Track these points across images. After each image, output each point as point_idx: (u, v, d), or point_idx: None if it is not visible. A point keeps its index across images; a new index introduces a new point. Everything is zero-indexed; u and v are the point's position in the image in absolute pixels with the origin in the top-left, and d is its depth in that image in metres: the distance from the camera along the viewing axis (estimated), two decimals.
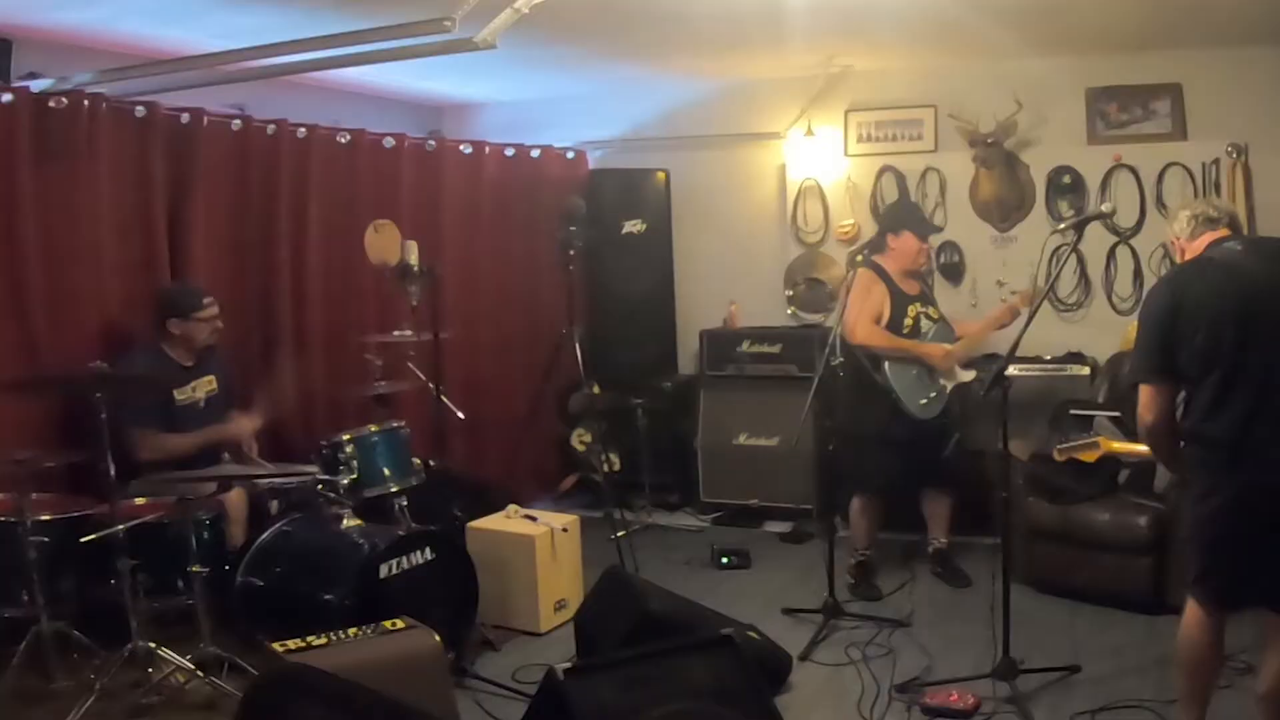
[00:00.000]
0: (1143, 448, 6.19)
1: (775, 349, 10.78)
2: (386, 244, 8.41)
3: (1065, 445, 6.94)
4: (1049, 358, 9.84)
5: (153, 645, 6.29)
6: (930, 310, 8.56)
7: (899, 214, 9.08)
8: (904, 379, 8.33)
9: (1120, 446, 7.11)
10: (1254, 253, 5.09)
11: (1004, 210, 10.51)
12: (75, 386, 6.73)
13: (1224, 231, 5.27)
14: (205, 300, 7.80)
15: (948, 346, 8.42)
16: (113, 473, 6.25)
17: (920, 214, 8.88)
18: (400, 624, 5.83)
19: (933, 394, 8.38)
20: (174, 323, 7.66)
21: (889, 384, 8.20)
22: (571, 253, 9.71)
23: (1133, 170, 10.09)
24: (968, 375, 8.38)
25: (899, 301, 8.38)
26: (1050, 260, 8.95)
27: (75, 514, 6.54)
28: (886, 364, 8.24)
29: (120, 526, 6.21)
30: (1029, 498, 8.25)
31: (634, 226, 11.40)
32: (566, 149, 11.89)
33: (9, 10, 7.62)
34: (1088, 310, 10.23)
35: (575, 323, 9.81)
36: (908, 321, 8.38)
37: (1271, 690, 5.38)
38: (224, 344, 8.14)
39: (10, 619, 6.35)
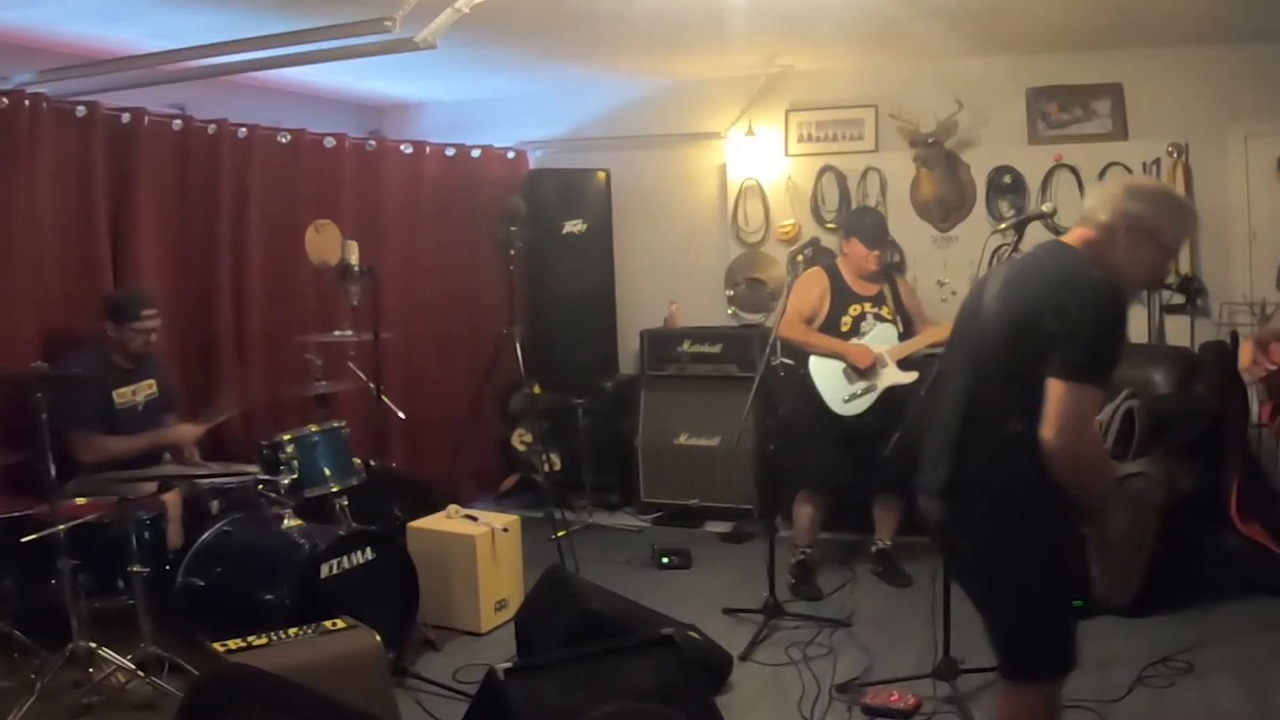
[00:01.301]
0: None
1: (716, 349, 10.81)
2: (327, 244, 8.41)
3: None
4: None
5: (93, 645, 6.26)
6: (883, 310, 8.57)
7: (851, 221, 9.09)
8: (826, 376, 8.42)
9: None
10: (1018, 266, 4.83)
11: (944, 210, 10.55)
12: (15, 386, 6.71)
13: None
14: (145, 311, 7.76)
15: (873, 346, 8.43)
16: (53, 473, 6.24)
17: (869, 221, 8.85)
18: (341, 624, 5.82)
19: (857, 392, 8.40)
20: (110, 326, 7.66)
21: (810, 380, 8.27)
22: (512, 252, 9.78)
23: (1073, 170, 10.14)
24: (908, 377, 8.39)
25: (841, 301, 8.43)
26: (991, 260, 8.97)
27: (15, 514, 6.51)
28: (811, 360, 8.29)
29: (61, 527, 6.18)
30: None
31: (575, 226, 11.39)
32: (507, 149, 11.89)
33: None
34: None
35: (516, 322, 9.82)
36: (846, 320, 8.42)
37: None
38: (164, 346, 8.11)
39: None
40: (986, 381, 4.40)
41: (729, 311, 11.39)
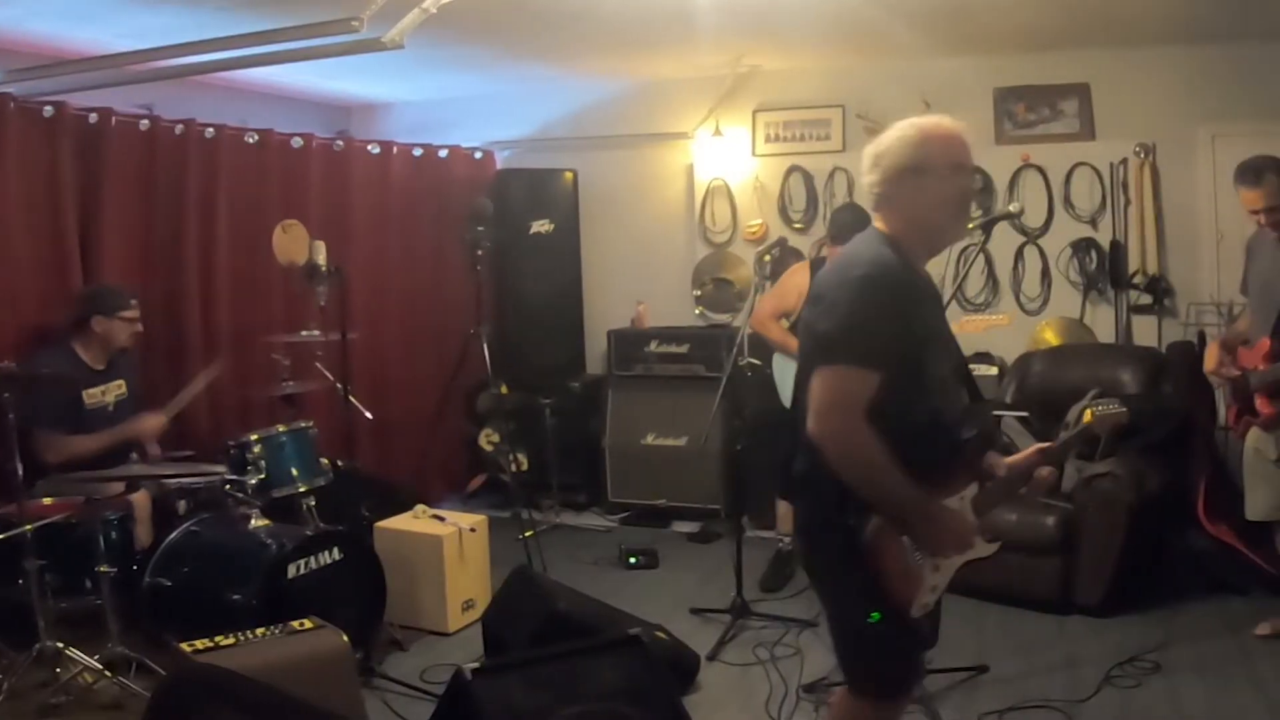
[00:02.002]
0: None
1: (683, 349, 10.82)
2: (294, 244, 8.40)
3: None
4: None
5: (60, 645, 6.25)
6: None
7: (832, 226, 9.09)
8: (784, 372, 8.47)
9: None
10: None
11: None
12: None
13: None
14: (132, 301, 7.79)
15: None
16: (20, 473, 6.22)
17: (851, 218, 8.90)
18: (308, 624, 5.80)
19: None
20: (98, 320, 7.63)
21: (772, 375, 8.28)
22: (479, 253, 9.74)
23: (1041, 170, 10.20)
24: None
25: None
26: (958, 260, 9.00)
27: None
28: (774, 357, 8.29)
29: (27, 527, 6.16)
30: None
31: (542, 226, 11.39)
32: (474, 149, 11.90)
33: None
34: (996, 310, 10.27)
35: (483, 323, 9.79)
36: None
37: None
38: (135, 346, 8.09)
39: None
40: (801, 378, 4.23)
41: (696, 311, 11.40)
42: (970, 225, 5.73)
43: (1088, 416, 4.63)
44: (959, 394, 4.50)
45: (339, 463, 8.25)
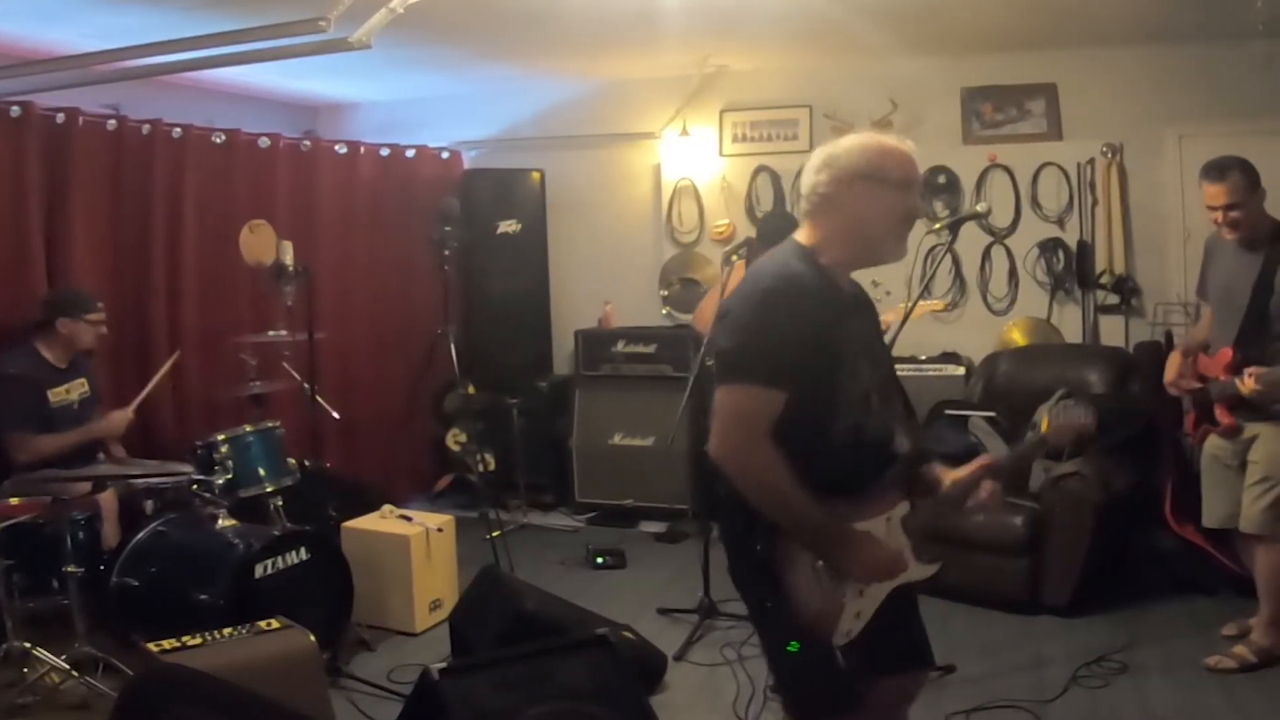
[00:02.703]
0: None
1: (650, 349, 10.82)
2: (262, 244, 8.40)
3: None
4: (924, 358, 9.94)
5: (27, 645, 6.27)
6: None
7: (763, 225, 9.08)
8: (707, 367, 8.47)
9: None
10: None
11: None
12: None
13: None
14: (98, 305, 7.80)
15: None
16: None
17: (778, 226, 8.90)
18: (275, 624, 5.78)
19: None
20: (64, 322, 7.63)
21: (699, 371, 8.31)
22: (446, 253, 9.80)
23: (1008, 170, 10.22)
24: None
25: None
26: (925, 260, 9.00)
27: None
28: (703, 354, 8.32)
29: None
30: None
31: (509, 226, 11.40)
32: (441, 149, 11.89)
33: None
34: (963, 310, 10.31)
35: (450, 323, 9.85)
36: None
37: None
38: (98, 346, 8.07)
39: None
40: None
41: (663, 312, 11.42)
42: (937, 225, 5.70)
43: (1044, 426, 4.43)
44: (888, 408, 4.26)
45: (306, 463, 8.26)
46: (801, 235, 4.16)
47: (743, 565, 4.16)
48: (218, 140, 9.45)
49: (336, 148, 10.82)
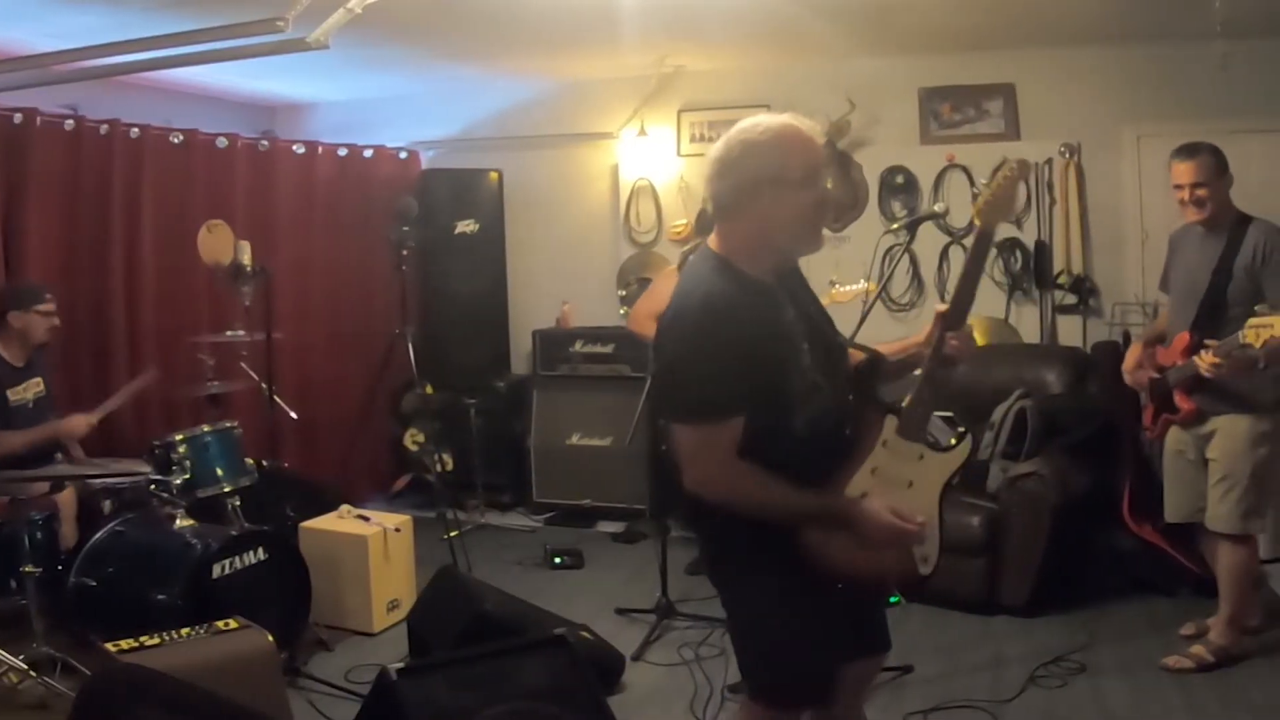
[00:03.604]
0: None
1: (608, 349, 10.85)
2: (219, 244, 8.39)
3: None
4: None
5: None
6: None
7: (700, 221, 9.10)
8: None
9: None
10: None
11: (837, 210, 10.52)
12: None
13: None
14: (46, 295, 7.77)
15: None
16: None
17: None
18: (233, 624, 5.78)
19: None
20: (15, 315, 7.62)
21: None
22: (404, 253, 9.79)
23: (966, 170, 10.20)
24: None
25: None
26: (883, 260, 9.02)
27: None
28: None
29: None
30: None
31: (467, 226, 11.40)
32: (399, 149, 11.90)
33: None
34: (921, 310, 10.29)
35: (408, 323, 9.88)
36: None
37: None
38: (55, 345, 8.05)
39: None
40: (657, 406, 4.03)
41: (621, 312, 11.30)
42: (895, 226, 5.70)
43: (975, 210, 4.24)
44: (834, 379, 4.15)
45: (264, 463, 8.27)
46: (713, 242, 4.10)
47: (727, 555, 4.15)
48: (175, 140, 9.44)
49: (294, 148, 10.81)
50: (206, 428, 7.75)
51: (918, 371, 4.33)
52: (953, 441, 4.27)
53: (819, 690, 4.13)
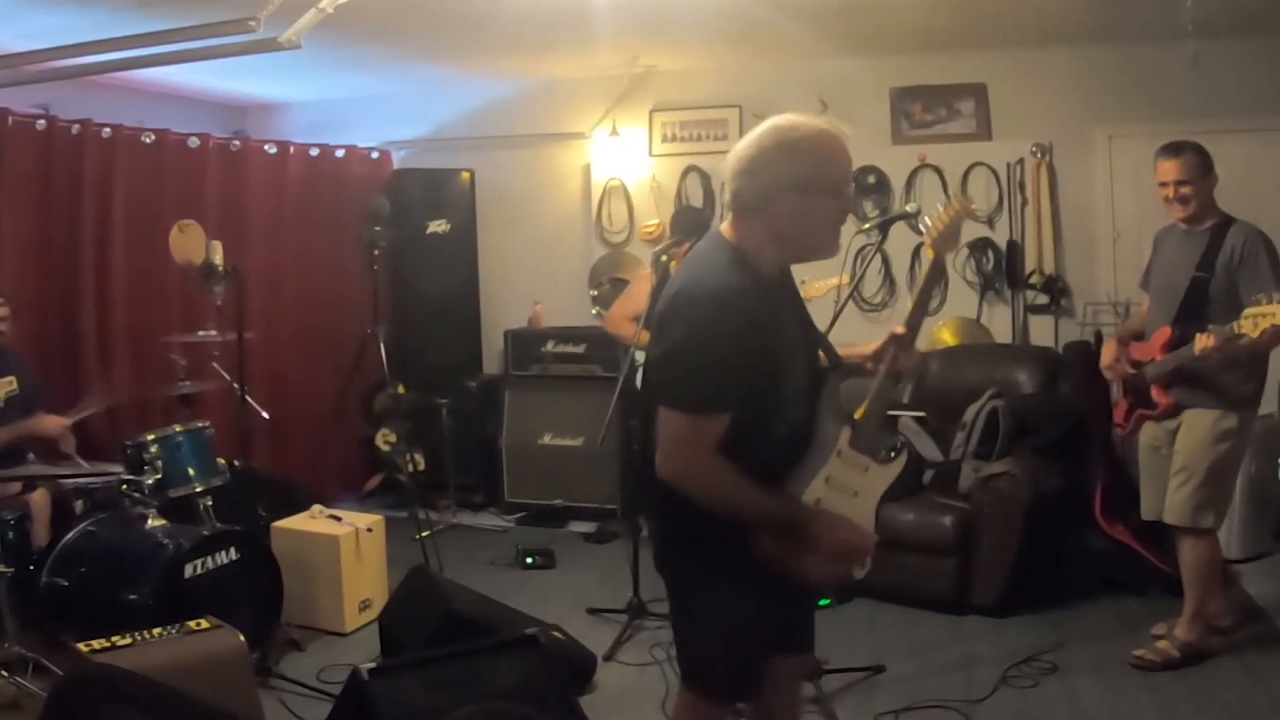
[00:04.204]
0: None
1: (580, 349, 10.86)
2: (191, 244, 8.37)
3: None
4: None
5: None
6: None
7: (675, 220, 9.08)
8: (641, 368, 8.52)
9: None
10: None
11: None
12: None
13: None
14: None
15: None
16: None
17: (690, 217, 8.92)
18: (205, 624, 5.77)
19: None
20: None
21: (628, 372, 8.32)
22: (376, 252, 9.79)
23: (937, 170, 10.26)
24: None
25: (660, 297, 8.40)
26: (855, 260, 9.03)
27: None
28: (634, 354, 8.32)
29: None
30: None
31: (439, 226, 11.42)
32: (371, 149, 11.90)
33: None
34: (892, 310, 10.33)
35: (380, 322, 9.89)
36: None
37: None
38: (28, 345, 8.04)
39: None
40: (648, 399, 4.05)
41: (593, 312, 11.39)
42: (866, 226, 5.71)
43: (927, 244, 4.56)
44: (811, 394, 4.13)
45: (236, 463, 8.22)
46: (728, 231, 4.03)
47: (684, 550, 4.13)
48: (147, 140, 9.43)
49: (266, 147, 10.80)
50: (178, 428, 7.71)
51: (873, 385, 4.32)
52: (892, 455, 4.23)
53: (746, 687, 4.20)
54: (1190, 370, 6.49)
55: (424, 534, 9.12)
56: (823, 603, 4.22)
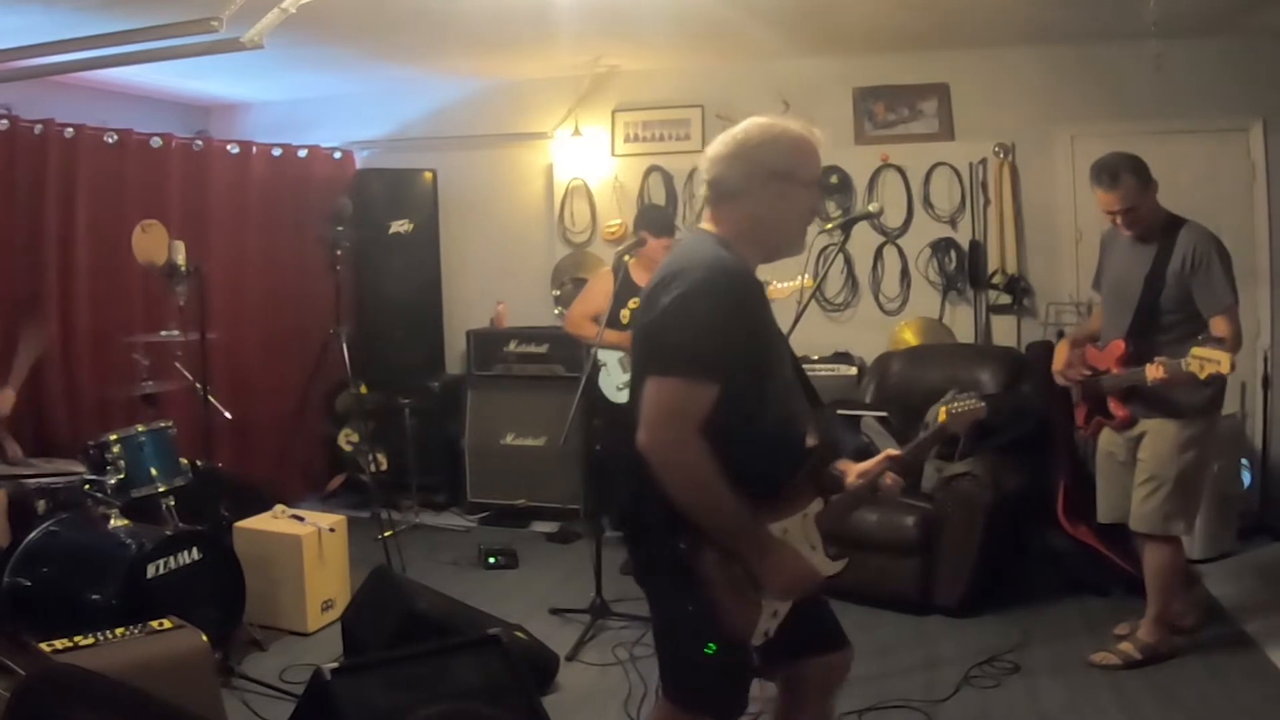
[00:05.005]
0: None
1: (542, 349, 10.87)
2: (154, 244, 8.34)
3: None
4: (816, 358, 10.01)
5: None
6: None
7: (639, 218, 9.09)
8: (603, 368, 8.72)
9: None
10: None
11: None
12: None
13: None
14: None
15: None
16: None
17: (655, 214, 8.95)
18: (167, 624, 5.75)
19: (630, 381, 8.55)
20: None
21: (591, 372, 8.32)
22: (339, 253, 9.81)
23: (900, 170, 10.32)
24: None
25: (622, 296, 8.47)
26: (817, 260, 9.04)
27: None
28: (598, 353, 8.31)
29: None
30: None
31: (401, 226, 11.42)
32: (334, 149, 11.91)
33: None
34: (855, 310, 10.39)
35: (342, 322, 9.88)
36: (624, 313, 8.51)
37: None
38: None
39: None
40: (636, 387, 4.01)
41: (555, 312, 11.39)
42: (829, 225, 5.71)
43: (942, 416, 4.51)
44: (801, 399, 4.29)
45: (198, 463, 8.23)
46: (709, 225, 4.14)
47: (657, 563, 4.09)
48: (110, 140, 9.39)
49: (229, 147, 10.77)
50: (141, 428, 7.71)
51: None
52: (838, 559, 4.23)
53: (731, 705, 4.16)
54: (1148, 388, 6.53)
55: (386, 534, 9.16)
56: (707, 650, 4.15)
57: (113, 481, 7.32)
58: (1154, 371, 6.32)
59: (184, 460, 7.96)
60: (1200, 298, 6.40)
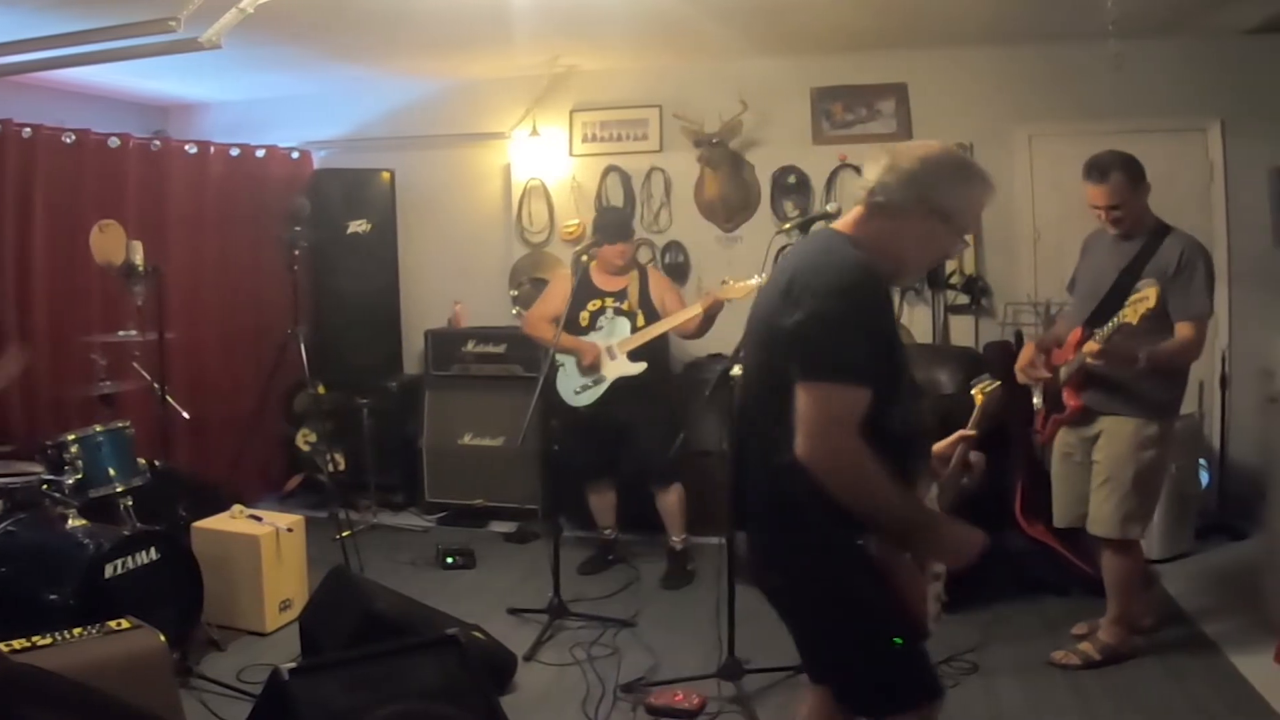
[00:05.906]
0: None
1: (500, 349, 10.87)
2: (111, 244, 8.34)
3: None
4: None
5: None
6: (625, 304, 8.76)
7: (596, 222, 9.12)
8: (564, 370, 8.81)
9: None
10: (783, 260, 4.43)
11: (729, 210, 10.69)
12: None
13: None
14: None
15: (605, 340, 8.73)
16: None
17: (611, 219, 8.96)
18: (125, 624, 5.72)
19: (587, 384, 8.75)
20: None
21: (549, 372, 8.32)
22: (296, 252, 9.80)
23: (858, 170, 10.12)
24: (637, 368, 8.62)
25: (580, 298, 8.60)
26: (776, 260, 9.05)
27: None
28: (553, 353, 8.31)
29: None
30: None
31: (359, 226, 11.40)
32: (291, 149, 11.88)
33: None
34: None
35: (300, 322, 9.87)
36: (584, 315, 8.67)
37: None
38: None
39: None
40: (754, 392, 4.08)
41: (513, 312, 11.39)
42: (786, 226, 5.72)
43: (978, 399, 4.64)
44: (917, 391, 4.37)
45: (156, 463, 8.21)
46: (847, 226, 4.10)
47: (823, 569, 4.02)
48: (67, 140, 9.37)
49: (187, 147, 10.75)
50: (98, 428, 7.68)
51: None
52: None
53: (935, 685, 4.27)
54: (1106, 376, 6.53)
55: (344, 534, 9.14)
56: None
57: (70, 481, 7.30)
58: (1090, 346, 6.34)
59: (142, 460, 7.93)
60: (1174, 302, 6.37)
